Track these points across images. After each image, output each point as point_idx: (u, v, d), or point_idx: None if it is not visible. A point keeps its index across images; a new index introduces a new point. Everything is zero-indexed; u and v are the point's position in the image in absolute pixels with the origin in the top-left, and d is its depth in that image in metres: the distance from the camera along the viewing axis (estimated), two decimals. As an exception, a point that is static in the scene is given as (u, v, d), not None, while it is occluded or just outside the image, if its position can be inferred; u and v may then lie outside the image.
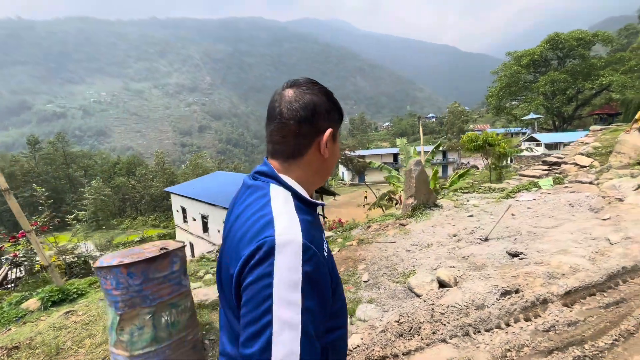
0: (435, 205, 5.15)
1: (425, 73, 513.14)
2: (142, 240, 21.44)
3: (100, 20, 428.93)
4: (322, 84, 0.84)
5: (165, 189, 21.00)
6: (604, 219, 3.77)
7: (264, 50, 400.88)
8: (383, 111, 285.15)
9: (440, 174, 11.24)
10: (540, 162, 8.32)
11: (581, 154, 7.31)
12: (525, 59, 38.39)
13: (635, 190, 4.25)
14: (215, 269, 4.46)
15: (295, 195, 0.78)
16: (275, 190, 0.77)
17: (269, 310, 0.62)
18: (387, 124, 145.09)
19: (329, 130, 0.80)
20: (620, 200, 4.10)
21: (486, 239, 3.84)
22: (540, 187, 5.62)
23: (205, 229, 15.88)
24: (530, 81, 40.59)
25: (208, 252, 4.74)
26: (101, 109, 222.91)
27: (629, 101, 24.39)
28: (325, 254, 0.77)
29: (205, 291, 3.45)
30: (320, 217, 4.91)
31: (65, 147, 52.00)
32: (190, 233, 17.55)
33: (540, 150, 31.59)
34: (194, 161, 49.73)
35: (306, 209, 0.78)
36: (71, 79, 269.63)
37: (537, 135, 36.73)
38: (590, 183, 5.27)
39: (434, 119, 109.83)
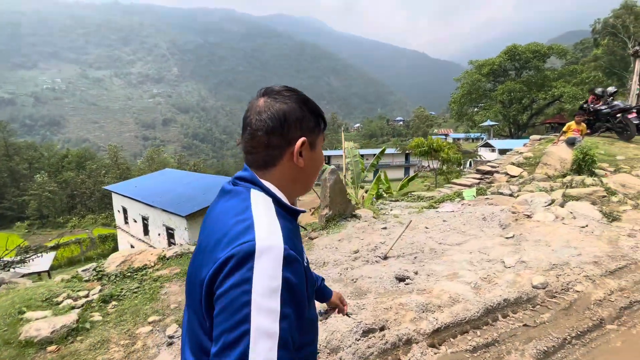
0: (353, 216, 4.81)
1: (396, 76, 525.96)
2: (55, 247, 19.71)
3: (58, 2, 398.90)
4: (298, 88, 0.81)
5: (105, 187, 19.45)
6: (507, 238, 3.58)
7: (236, 44, 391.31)
8: (355, 112, 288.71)
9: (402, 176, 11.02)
10: (475, 171, 8.32)
11: (513, 163, 7.36)
12: (486, 68, 40.04)
13: (547, 205, 4.14)
14: (84, 292, 3.83)
15: (277, 201, 0.77)
16: (255, 195, 0.75)
17: (247, 319, 0.58)
18: (357, 125, 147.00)
19: (300, 140, 0.77)
20: (529, 216, 3.95)
21: (385, 257, 3.52)
22: (463, 198, 5.47)
23: (146, 231, 14.78)
24: (490, 89, 42.42)
25: (83, 271, 4.03)
26: (55, 97, 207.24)
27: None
28: (305, 263, 0.76)
29: (41, 325, 2.80)
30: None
31: (6, 137, 47.49)
32: (132, 235, 16.31)
33: (494, 156, 32.97)
34: (150, 156, 47.10)
35: (287, 216, 0.77)
36: (23, 64, 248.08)
37: (492, 142, 38.42)
38: (511, 195, 5.18)
39: (401, 122, 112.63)
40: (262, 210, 0.71)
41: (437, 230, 4.20)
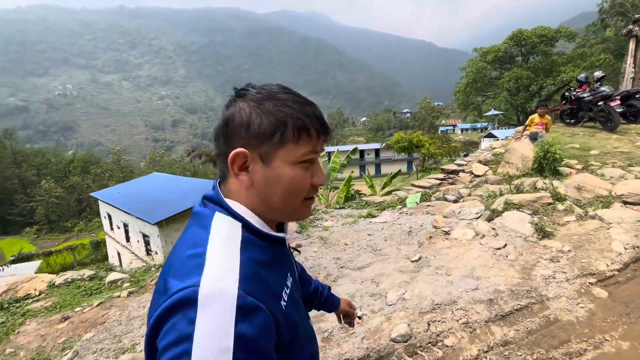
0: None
1: (403, 68, 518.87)
2: (48, 254, 19.80)
3: (65, 9, 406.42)
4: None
5: (91, 194, 19.45)
6: (412, 261, 3.01)
7: (241, 42, 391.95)
8: (362, 106, 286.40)
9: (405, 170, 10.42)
10: (440, 170, 7.69)
11: (480, 161, 6.69)
12: (491, 55, 38.84)
13: (474, 218, 3.54)
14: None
15: (247, 226, 0.62)
16: (219, 221, 0.61)
17: None
18: (364, 119, 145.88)
19: (234, 152, 0.60)
20: (447, 233, 3.38)
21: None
22: (405, 205, 4.91)
23: (127, 238, 14.63)
24: (496, 77, 41.19)
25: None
26: (67, 103, 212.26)
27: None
28: (284, 303, 0.61)
29: None
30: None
31: (13, 145, 48.57)
32: (117, 242, 16.21)
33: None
34: (152, 158, 47.49)
35: (261, 243, 0.63)
36: (34, 71, 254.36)
37: (495, 132, 37.23)
38: (455, 201, 4.58)
39: (408, 114, 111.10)
40: (221, 242, 0.58)
41: (355, 248, 3.67)
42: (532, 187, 4.33)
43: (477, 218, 3.56)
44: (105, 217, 17.17)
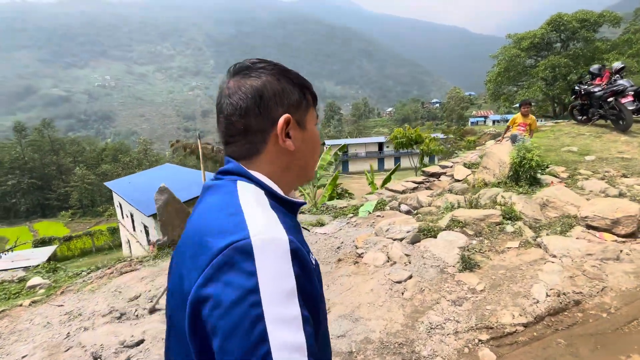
0: None
1: (434, 55, 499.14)
2: (68, 239, 20.92)
3: (104, 2, 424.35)
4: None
5: (105, 183, 20.25)
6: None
7: (268, 32, 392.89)
8: (389, 95, 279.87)
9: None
10: (421, 172, 7.07)
11: (465, 164, 6.03)
12: (526, 42, 36.39)
13: (400, 239, 3.05)
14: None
15: (270, 193, 0.63)
16: (243, 186, 0.62)
17: (263, 338, 0.44)
18: (389, 109, 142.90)
19: (283, 118, 0.63)
20: (359, 256, 2.94)
21: (152, 311, 2.81)
22: (357, 214, 4.48)
23: (134, 227, 15.12)
24: (531, 66, 38.71)
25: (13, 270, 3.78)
26: (105, 93, 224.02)
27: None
28: (313, 263, 0.61)
29: None
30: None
31: (51, 134, 51.99)
32: (127, 230, 16.84)
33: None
34: (174, 147, 49.06)
35: (284, 209, 0.64)
36: (75, 63, 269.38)
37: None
38: (408, 212, 4.10)
39: (437, 105, 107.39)
40: (252, 201, 0.57)
41: None
42: (491, 200, 3.79)
43: (403, 239, 3.12)
44: (118, 206, 17.87)
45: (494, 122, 68.61)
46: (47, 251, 14.00)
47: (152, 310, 2.79)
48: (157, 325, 2.69)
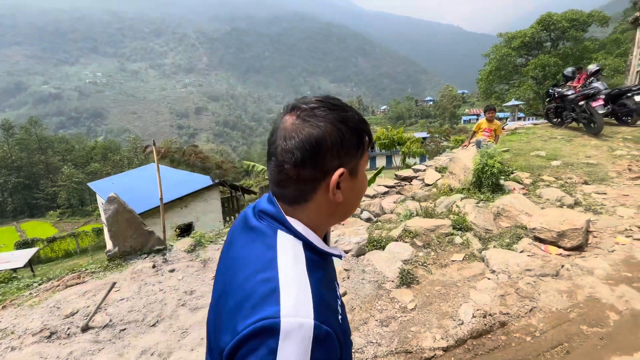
0: (158, 251, 3.90)
1: (429, 53, 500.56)
2: (51, 240, 20.60)
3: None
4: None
5: (88, 184, 19.96)
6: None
7: (263, 29, 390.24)
8: (383, 93, 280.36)
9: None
10: (394, 176, 6.99)
11: (436, 168, 5.95)
12: (516, 41, 36.74)
13: (347, 251, 2.97)
14: None
15: (307, 245, 0.64)
16: (283, 240, 0.62)
17: None
18: (384, 107, 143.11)
19: (337, 173, 0.61)
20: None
21: (85, 328, 2.70)
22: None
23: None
24: (522, 64, 39.01)
25: None
26: (97, 90, 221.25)
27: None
28: (340, 317, 0.64)
29: None
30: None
31: (39, 132, 51.09)
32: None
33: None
34: (164, 146, 48.67)
35: (319, 261, 0.65)
36: (66, 60, 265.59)
37: (510, 123, 35.07)
38: (369, 220, 4.01)
39: (431, 103, 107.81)
40: (291, 265, 0.59)
41: (178, 290, 3.21)
42: (447, 209, 3.72)
43: (349, 251, 3.04)
44: (101, 207, 17.60)
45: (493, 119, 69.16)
46: (28, 253, 13.67)
47: (85, 329, 2.67)
48: (85, 345, 2.58)
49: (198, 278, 3.52)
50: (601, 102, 5.94)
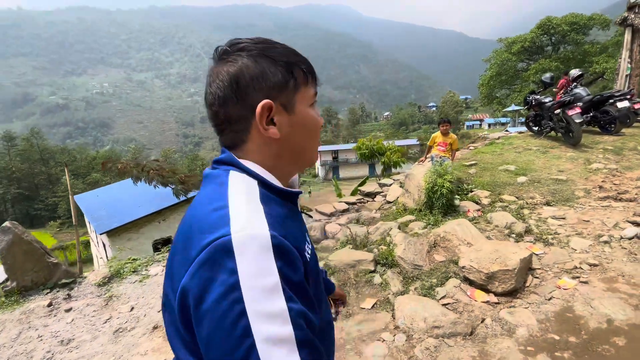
0: (64, 285, 3.51)
1: (431, 60, 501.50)
2: None
3: (100, 10, 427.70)
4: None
5: (75, 196, 19.74)
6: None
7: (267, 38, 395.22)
8: (386, 99, 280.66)
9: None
10: (357, 190, 6.54)
11: (401, 183, 5.46)
12: (517, 46, 36.46)
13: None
14: None
15: (263, 183, 0.61)
16: (235, 177, 0.60)
17: (247, 333, 0.45)
18: (387, 113, 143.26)
19: (260, 105, 0.58)
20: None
21: None
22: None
23: (97, 242, 14.59)
24: (523, 69, 38.66)
25: None
26: (104, 100, 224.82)
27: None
28: (308, 255, 0.61)
29: None
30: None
31: (40, 143, 51.65)
32: (95, 244, 16.29)
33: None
34: (164, 155, 48.82)
35: (278, 199, 0.62)
36: (73, 70, 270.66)
37: (510, 129, 34.58)
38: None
39: (434, 108, 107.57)
40: (241, 194, 0.56)
41: (115, 322, 2.81)
42: (382, 236, 3.26)
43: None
44: (87, 220, 17.34)
45: (489, 125, 68.50)
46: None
47: None
48: None
49: (88, 322, 3.09)
50: (578, 110, 5.47)
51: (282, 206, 0.60)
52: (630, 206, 3.39)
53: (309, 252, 0.62)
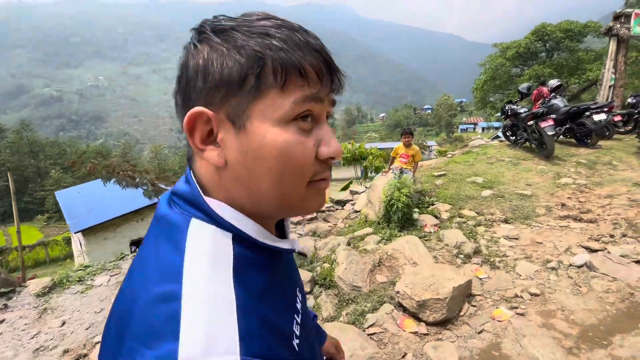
0: (3, 294, 3.36)
1: (429, 62, 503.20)
2: (22, 249, 20.04)
3: (99, 3, 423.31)
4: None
5: (56, 192, 19.40)
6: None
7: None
8: (383, 101, 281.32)
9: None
10: (330, 199, 6.40)
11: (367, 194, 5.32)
12: (511, 51, 36.55)
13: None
14: None
15: (240, 237, 0.41)
16: (197, 234, 0.39)
17: None
18: (382, 114, 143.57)
19: (189, 114, 0.39)
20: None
21: None
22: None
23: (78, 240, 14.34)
24: (517, 75, 38.84)
25: None
26: (98, 94, 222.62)
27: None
28: (296, 342, 0.42)
29: None
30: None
31: (29, 135, 50.97)
32: (76, 241, 15.99)
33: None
34: (154, 151, 48.39)
35: (261, 260, 0.42)
36: (69, 63, 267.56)
37: (500, 134, 34.76)
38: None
39: (429, 111, 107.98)
40: (204, 271, 0.36)
41: (43, 337, 2.67)
42: (330, 252, 3.13)
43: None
44: (66, 215, 16.99)
45: (483, 129, 68.91)
46: (-19, 266, 13.02)
47: None
48: None
49: (16, 336, 2.91)
50: (551, 122, 5.38)
51: (265, 270, 0.42)
52: (589, 228, 3.29)
53: (298, 329, 0.43)
